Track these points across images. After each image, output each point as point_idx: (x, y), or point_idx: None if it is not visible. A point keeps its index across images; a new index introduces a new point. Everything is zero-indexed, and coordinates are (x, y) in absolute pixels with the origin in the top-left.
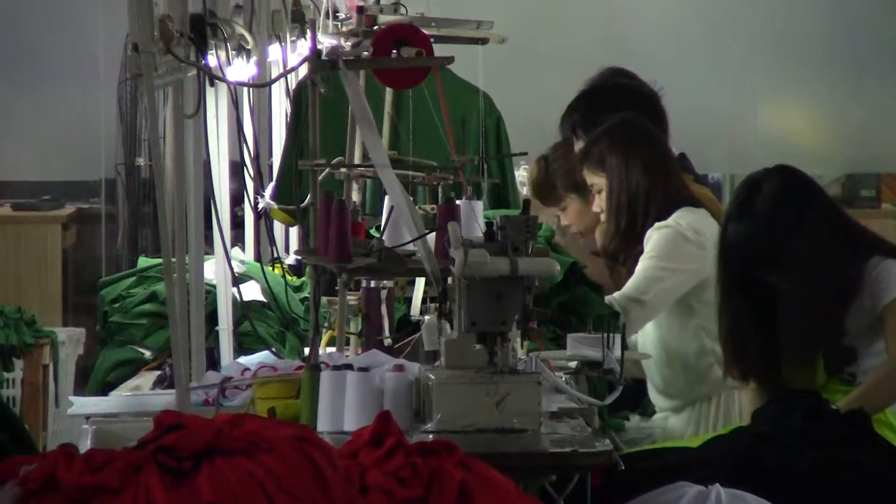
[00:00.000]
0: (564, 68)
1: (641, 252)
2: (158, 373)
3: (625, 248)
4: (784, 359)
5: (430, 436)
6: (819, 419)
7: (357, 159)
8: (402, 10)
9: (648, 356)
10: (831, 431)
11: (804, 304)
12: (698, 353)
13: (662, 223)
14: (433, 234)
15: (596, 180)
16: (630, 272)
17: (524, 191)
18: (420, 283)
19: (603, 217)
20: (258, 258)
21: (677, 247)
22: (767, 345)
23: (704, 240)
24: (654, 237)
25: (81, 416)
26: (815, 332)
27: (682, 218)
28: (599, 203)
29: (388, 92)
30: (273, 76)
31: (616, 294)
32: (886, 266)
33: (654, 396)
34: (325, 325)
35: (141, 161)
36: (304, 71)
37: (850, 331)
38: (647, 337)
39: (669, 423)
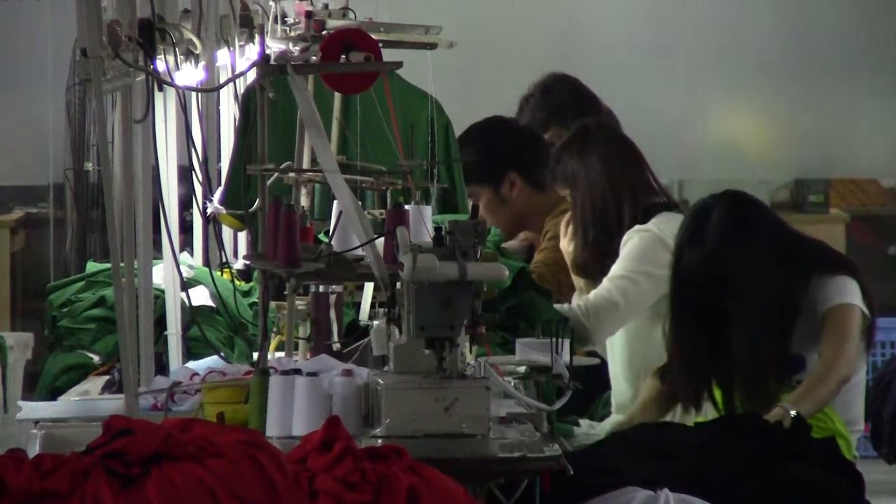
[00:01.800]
0: (514, 72)
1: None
2: (107, 377)
3: (595, 261)
4: (736, 382)
5: (379, 440)
6: (761, 439)
7: (306, 164)
8: (351, 16)
9: (595, 361)
10: (772, 450)
11: (751, 330)
12: (662, 361)
13: (642, 227)
14: (382, 238)
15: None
16: None
17: None
18: (369, 287)
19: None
20: (207, 263)
21: (655, 252)
22: (720, 370)
23: None
24: (631, 240)
25: (30, 420)
26: (763, 356)
27: (662, 223)
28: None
29: (337, 97)
30: (221, 81)
31: (590, 295)
32: (824, 282)
33: (616, 399)
34: (274, 329)
35: (90, 166)
36: (252, 76)
37: (797, 341)
38: (613, 342)
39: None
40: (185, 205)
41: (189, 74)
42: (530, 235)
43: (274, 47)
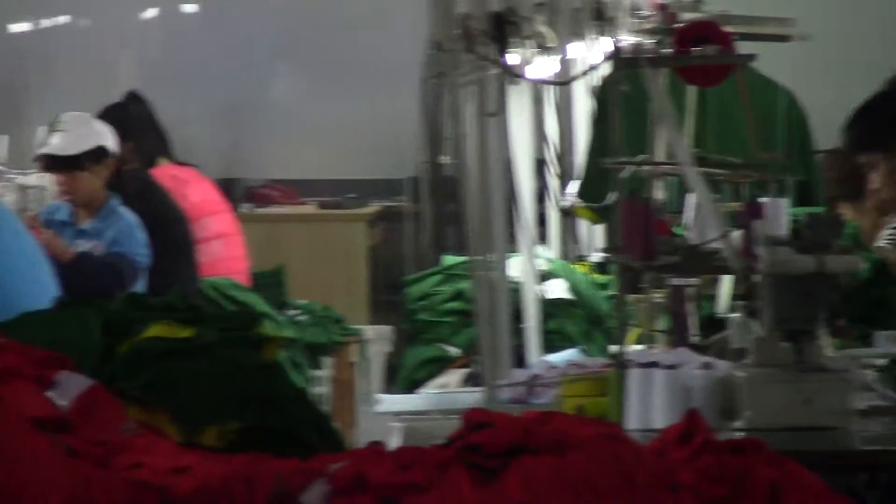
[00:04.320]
0: (868, 66)
1: None
2: (466, 370)
3: None
4: None
5: (740, 433)
6: None
7: (660, 157)
8: (704, 8)
9: None
10: None
11: None
12: None
13: None
14: (738, 232)
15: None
16: None
17: None
18: (726, 280)
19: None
20: (563, 256)
21: None
22: None
23: None
24: None
25: (390, 413)
26: None
27: None
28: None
29: (691, 89)
30: (574, 74)
31: None
32: None
33: None
34: (632, 322)
35: (445, 159)
36: (605, 69)
37: None
38: None
39: None
40: (540, 198)
41: (542, 67)
42: None
43: (627, 40)
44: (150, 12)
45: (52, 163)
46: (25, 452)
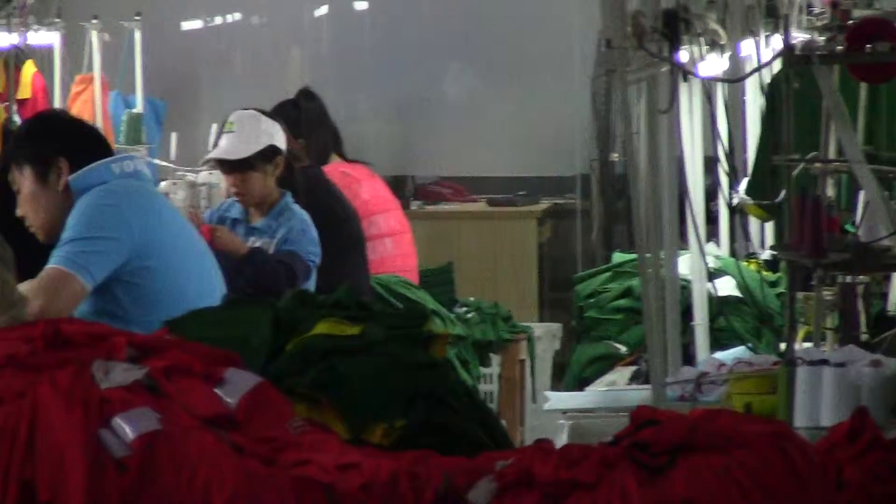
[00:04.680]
0: None
1: None
2: (634, 368)
3: None
4: None
5: None
6: None
7: (832, 154)
8: (877, 5)
9: None
10: None
11: None
12: None
13: None
14: None
15: None
16: None
17: None
18: None
19: None
20: (732, 253)
21: None
22: None
23: None
24: None
25: (558, 410)
26: None
27: None
28: None
29: (863, 87)
30: (746, 71)
31: None
32: None
33: None
34: (801, 320)
35: (615, 156)
36: (777, 66)
37: None
38: None
39: None
40: (710, 195)
41: (713, 65)
42: None
43: (799, 37)
44: (322, 9)
45: (223, 165)
46: (193, 450)
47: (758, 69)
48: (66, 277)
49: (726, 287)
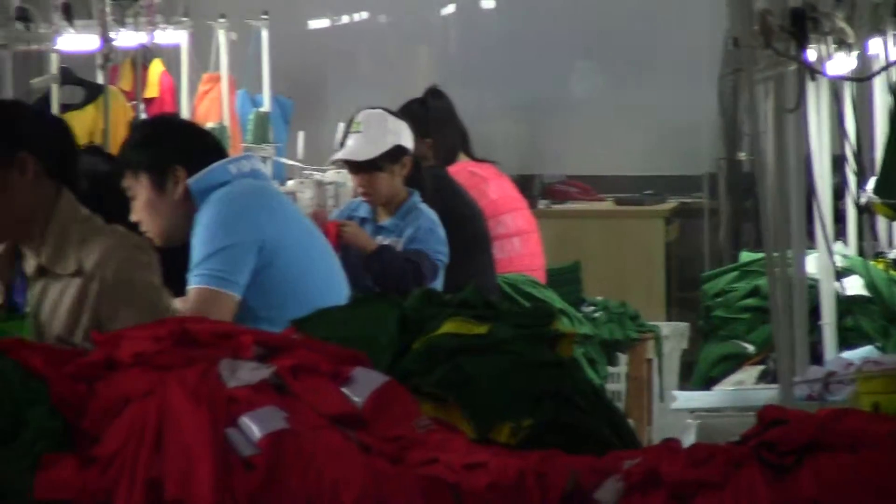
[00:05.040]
0: None
1: None
2: (761, 367)
3: None
4: None
5: None
6: None
7: None
8: None
9: None
10: None
11: None
12: None
13: None
14: None
15: None
16: None
17: None
18: None
19: None
20: (860, 252)
21: None
22: None
23: None
24: None
25: (685, 410)
26: None
27: None
28: None
29: None
30: (874, 70)
31: None
32: None
33: None
34: None
35: (742, 155)
36: None
37: None
38: None
39: None
40: (838, 194)
41: (841, 63)
42: None
43: None
44: (449, 8)
45: (350, 165)
46: (320, 448)
47: (886, 68)
48: (214, 296)
49: (854, 286)
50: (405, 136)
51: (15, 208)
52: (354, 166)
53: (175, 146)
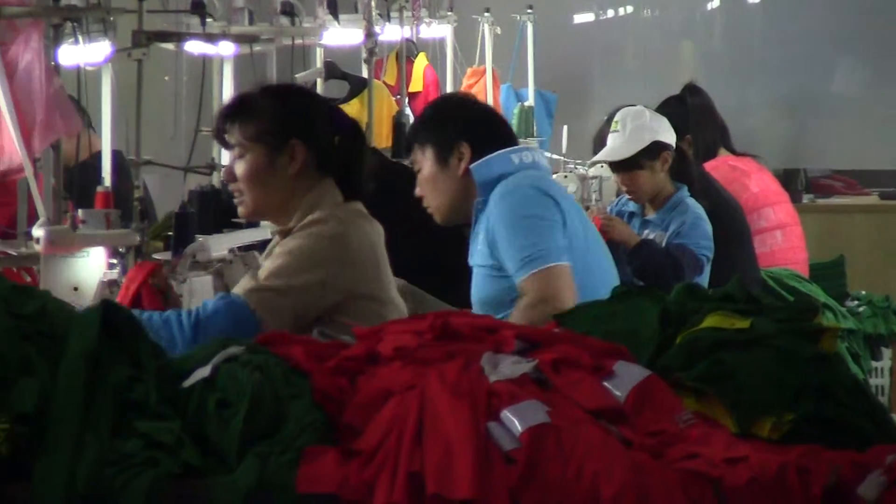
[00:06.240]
0: None
1: None
2: None
3: None
4: None
5: None
6: None
7: None
8: None
9: None
10: None
11: None
12: None
13: None
14: None
15: None
16: None
17: None
18: None
19: None
20: None
21: None
22: None
23: None
24: None
25: None
26: None
27: None
28: None
29: None
30: None
31: None
32: None
33: None
34: None
35: None
36: None
37: None
38: None
39: None
40: None
41: None
42: None
43: None
44: (713, 3)
45: (611, 164)
46: (581, 442)
47: None
48: (547, 273)
49: None
50: (664, 132)
51: (273, 191)
52: (615, 165)
53: (463, 123)
